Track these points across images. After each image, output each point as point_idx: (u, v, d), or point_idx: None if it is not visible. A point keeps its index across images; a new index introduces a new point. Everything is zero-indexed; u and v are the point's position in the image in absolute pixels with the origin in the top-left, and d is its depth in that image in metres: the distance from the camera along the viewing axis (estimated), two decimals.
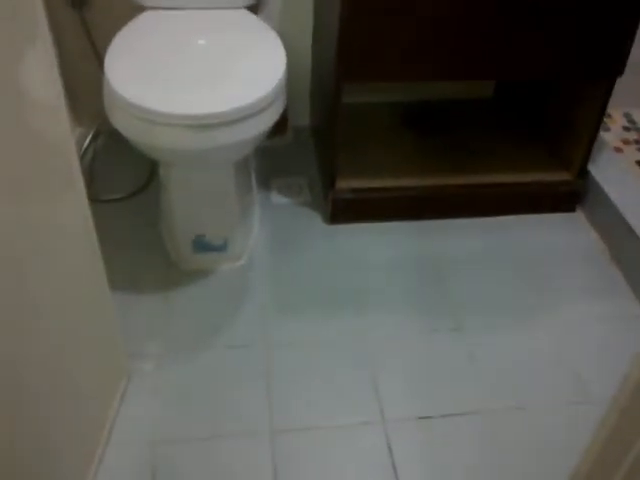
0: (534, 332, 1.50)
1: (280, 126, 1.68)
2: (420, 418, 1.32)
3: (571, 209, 1.80)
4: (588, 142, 1.70)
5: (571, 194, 1.78)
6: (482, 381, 1.40)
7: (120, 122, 1.33)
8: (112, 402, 1.30)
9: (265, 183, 1.85)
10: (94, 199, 1.75)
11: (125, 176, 1.83)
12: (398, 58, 1.49)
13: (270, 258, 1.64)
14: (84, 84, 1.84)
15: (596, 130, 1.68)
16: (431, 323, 1.50)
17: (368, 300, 1.55)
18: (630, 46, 1.52)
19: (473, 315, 1.52)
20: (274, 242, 1.68)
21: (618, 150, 1.99)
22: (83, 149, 1.88)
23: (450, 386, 1.38)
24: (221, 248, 1.59)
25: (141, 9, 1.60)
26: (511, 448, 1.29)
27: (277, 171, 1.89)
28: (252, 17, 1.59)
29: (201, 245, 1.57)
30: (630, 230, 1.60)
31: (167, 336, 1.45)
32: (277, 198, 1.81)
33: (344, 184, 1.71)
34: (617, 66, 1.55)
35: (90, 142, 1.90)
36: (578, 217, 1.79)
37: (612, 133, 2.06)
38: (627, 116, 2.13)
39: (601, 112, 1.65)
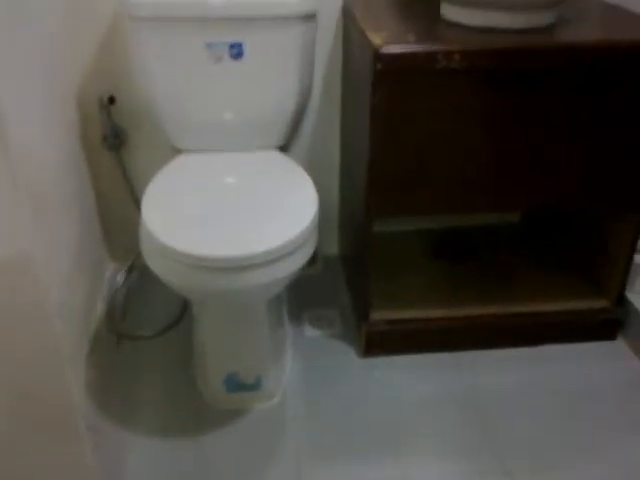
0: (586, 474, 1.41)
1: (310, 257, 1.68)
2: None
3: (611, 337, 1.74)
4: (623, 268, 1.67)
5: (610, 322, 1.73)
6: None
7: (155, 264, 1.35)
8: None
9: (296, 315, 1.83)
10: (127, 336, 1.76)
11: (157, 312, 1.83)
12: (428, 193, 1.51)
13: (304, 396, 1.60)
14: (119, 220, 1.90)
15: (631, 255, 1.66)
16: (475, 468, 1.42)
17: (405, 442, 1.48)
18: None
19: (519, 457, 1.44)
20: (307, 378, 1.64)
21: None
22: (117, 285, 1.90)
23: None
24: (254, 386, 1.55)
25: (176, 151, 1.67)
26: None
27: (308, 302, 1.88)
28: (283, 157, 1.63)
29: (234, 384, 1.54)
30: None
31: None
32: (309, 330, 1.79)
33: (377, 316, 1.68)
34: None
35: (124, 277, 1.93)
36: (619, 345, 1.73)
37: None
38: None
39: (635, 237, 1.63)
